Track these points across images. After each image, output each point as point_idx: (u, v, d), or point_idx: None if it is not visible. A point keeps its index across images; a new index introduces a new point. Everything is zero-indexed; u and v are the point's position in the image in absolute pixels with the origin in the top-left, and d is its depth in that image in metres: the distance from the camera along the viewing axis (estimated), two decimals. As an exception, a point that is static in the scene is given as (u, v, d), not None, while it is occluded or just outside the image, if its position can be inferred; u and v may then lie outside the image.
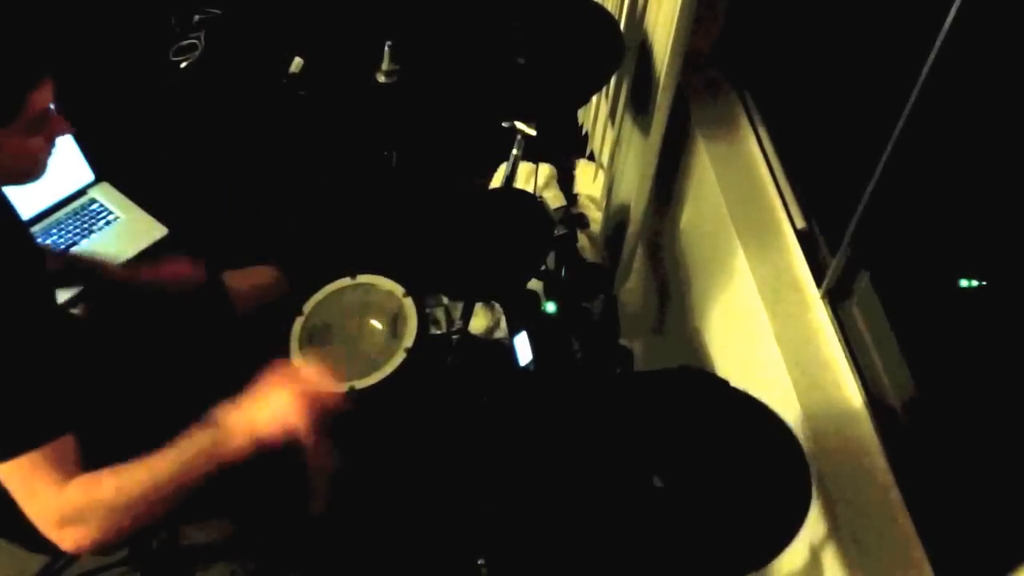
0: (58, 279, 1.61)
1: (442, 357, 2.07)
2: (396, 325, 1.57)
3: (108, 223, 2.09)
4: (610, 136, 2.33)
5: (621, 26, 1.95)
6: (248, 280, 1.76)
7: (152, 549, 1.83)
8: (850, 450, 1.38)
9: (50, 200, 2.08)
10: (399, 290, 1.62)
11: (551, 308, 2.24)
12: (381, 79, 2.52)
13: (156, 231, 2.08)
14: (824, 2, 1.67)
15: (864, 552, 1.28)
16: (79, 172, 2.12)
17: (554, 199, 2.58)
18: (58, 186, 2.09)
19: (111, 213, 2.11)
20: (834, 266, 1.50)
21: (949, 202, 1.27)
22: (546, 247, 2.02)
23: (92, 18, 2.32)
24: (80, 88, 2.10)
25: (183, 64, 2.49)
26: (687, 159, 2.01)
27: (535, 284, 2.35)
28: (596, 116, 2.52)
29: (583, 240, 2.54)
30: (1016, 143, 1.08)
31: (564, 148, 2.74)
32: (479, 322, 2.32)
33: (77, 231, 2.06)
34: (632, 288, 2.44)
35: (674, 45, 1.66)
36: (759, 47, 1.89)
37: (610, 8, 2.02)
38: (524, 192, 1.99)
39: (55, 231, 2.05)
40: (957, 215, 1.25)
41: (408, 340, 1.53)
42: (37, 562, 1.83)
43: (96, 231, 2.07)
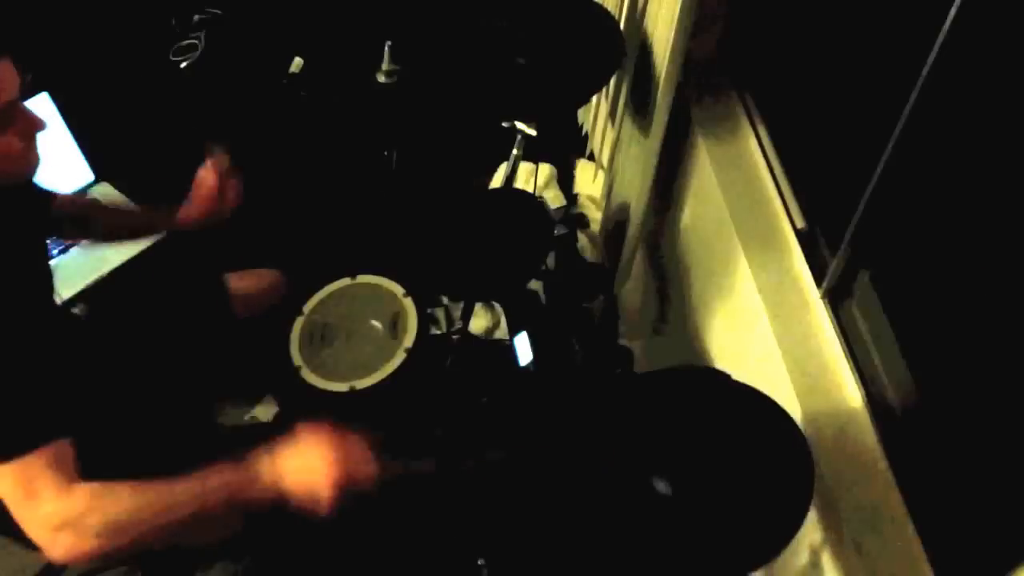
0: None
1: (442, 357, 2.07)
2: (396, 325, 1.57)
3: (108, 223, 2.09)
4: (610, 136, 2.33)
5: (621, 26, 1.96)
6: (249, 281, 1.76)
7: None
8: (850, 450, 1.37)
9: (50, 200, 2.08)
10: (399, 290, 1.63)
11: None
12: (381, 79, 2.52)
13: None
14: (824, 3, 1.67)
15: (864, 552, 1.28)
16: (79, 172, 2.12)
17: (554, 199, 2.58)
18: (58, 186, 2.09)
19: (111, 213, 2.10)
20: (834, 266, 1.49)
21: (949, 202, 1.26)
22: (546, 247, 2.02)
23: (92, 18, 2.33)
24: (80, 88, 2.11)
25: (183, 64, 2.49)
26: (687, 159, 2.01)
27: (535, 284, 2.36)
28: (596, 116, 2.52)
29: (583, 240, 2.54)
30: (1016, 143, 1.08)
31: (564, 148, 2.74)
32: (479, 322, 2.32)
33: (77, 231, 2.06)
34: (632, 288, 2.44)
35: (674, 45, 1.66)
36: (759, 47, 1.89)
37: (610, 8, 2.02)
38: (524, 192, 2.00)
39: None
40: (957, 215, 1.25)
41: (408, 340, 1.53)
42: (37, 562, 1.83)
43: (96, 231, 2.07)
